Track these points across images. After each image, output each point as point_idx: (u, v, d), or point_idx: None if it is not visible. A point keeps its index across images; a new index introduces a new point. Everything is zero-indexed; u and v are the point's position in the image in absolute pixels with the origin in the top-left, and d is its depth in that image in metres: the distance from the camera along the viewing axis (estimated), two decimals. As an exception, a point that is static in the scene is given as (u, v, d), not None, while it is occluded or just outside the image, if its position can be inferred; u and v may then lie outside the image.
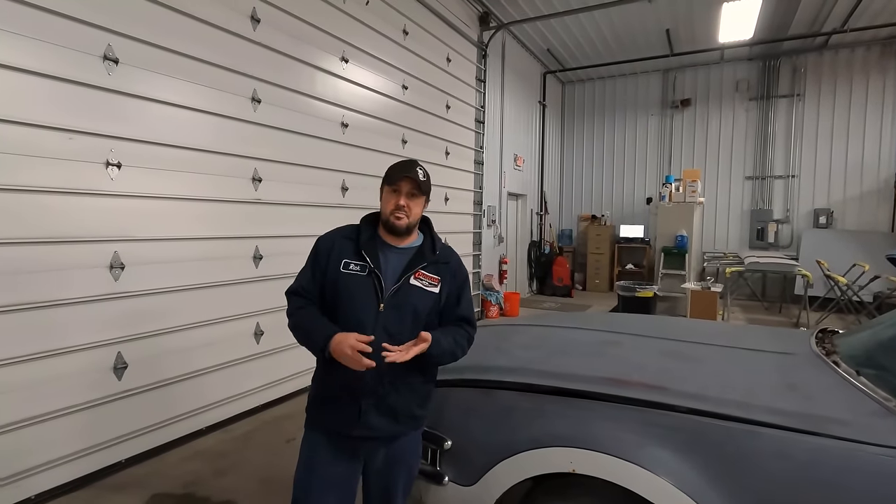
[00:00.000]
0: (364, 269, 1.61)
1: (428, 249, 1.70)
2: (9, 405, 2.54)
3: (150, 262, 3.16)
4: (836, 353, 1.90)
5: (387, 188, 1.66)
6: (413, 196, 1.63)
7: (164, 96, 3.20)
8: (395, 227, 1.62)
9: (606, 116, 10.82)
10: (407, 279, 1.62)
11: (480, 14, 7.30)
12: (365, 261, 1.61)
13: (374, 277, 1.60)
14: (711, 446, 1.44)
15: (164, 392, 3.27)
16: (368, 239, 1.66)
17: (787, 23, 7.84)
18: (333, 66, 4.63)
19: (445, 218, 6.49)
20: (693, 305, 6.26)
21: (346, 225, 1.74)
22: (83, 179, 2.81)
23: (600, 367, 1.91)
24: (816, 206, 9.02)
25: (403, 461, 1.69)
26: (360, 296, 1.59)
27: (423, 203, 1.68)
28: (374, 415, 1.58)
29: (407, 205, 1.61)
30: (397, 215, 1.61)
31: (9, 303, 2.53)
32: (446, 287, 1.69)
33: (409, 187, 1.62)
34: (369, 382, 1.55)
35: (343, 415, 1.59)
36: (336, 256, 1.64)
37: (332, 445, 1.63)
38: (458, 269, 1.76)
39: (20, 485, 2.58)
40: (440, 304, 1.68)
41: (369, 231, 1.68)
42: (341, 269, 1.62)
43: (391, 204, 1.62)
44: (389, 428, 1.61)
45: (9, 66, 2.49)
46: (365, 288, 1.59)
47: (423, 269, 1.65)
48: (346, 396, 1.57)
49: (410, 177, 1.61)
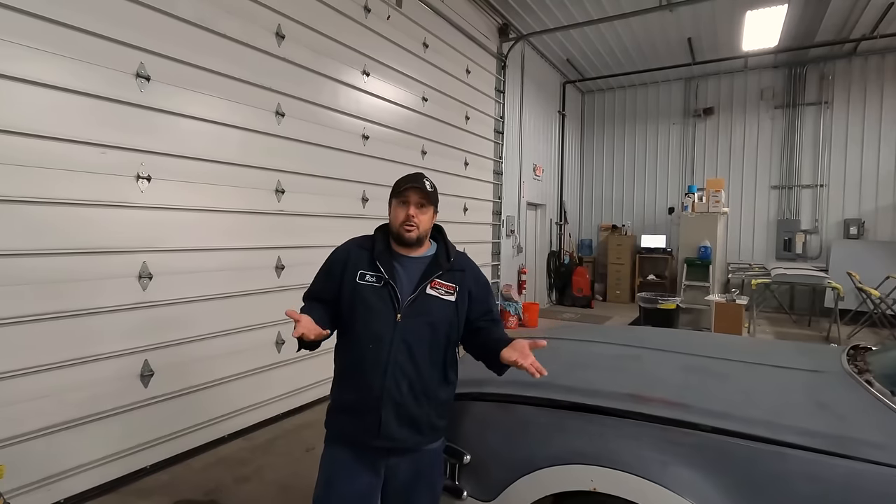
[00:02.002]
0: (379, 280, 1.61)
1: (443, 258, 1.69)
2: (42, 410, 2.62)
3: (176, 272, 3.24)
4: (868, 371, 1.84)
5: (395, 201, 1.67)
6: (421, 206, 1.64)
7: (192, 111, 3.31)
8: (406, 238, 1.63)
9: (627, 125, 10.73)
10: (423, 289, 1.62)
11: (500, 26, 7.35)
12: (380, 272, 1.61)
13: (390, 288, 1.60)
14: (737, 467, 1.41)
15: (189, 399, 3.34)
16: (383, 250, 1.66)
17: (813, 30, 7.68)
18: (355, 80, 4.72)
19: (464, 228, 6.51)
20: (718, 318, 6.12)
21: (361, 235, 1.75)
22: (115, 192, 2.91)
23: (621, 382, 1.89)
24: (847, 216, 8.76)
25: (425, 477, 1.65)
26: (377, 307, 1.59)
27: (432, 213, 1.69)
28: (394, 425, 1.56)
29: (416, 216, 1.62)
30: (407, 227, 1.62)
31: (45, 311, 2.62)
32: (465, 294, 1.68)
33: (416, 198, 1.63)
34: (389, 391, 1.54)
35: (363, 425, 1.57)
36: (352, 267, 1.64)
37: (352, 461, 1.62)
38: (478, 275, 1.76)
39: (51, 488, 2.66)
40: (459, 313, 1.67)
41: (383, 242, 1.69)
42: (357, 280, 1.62)
43: (401, 216, 1.63)
44: (411, 439, 1.59)
45: (48, 84, 2.61)
46: (381, 299, 1.59)
47: (438, 279, 1.65)
48: (366, 406, 1.56)
49: (418, 187, 1.63)
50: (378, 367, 1.55)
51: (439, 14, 5.90)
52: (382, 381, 1.54)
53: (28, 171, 2.55)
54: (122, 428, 2.97)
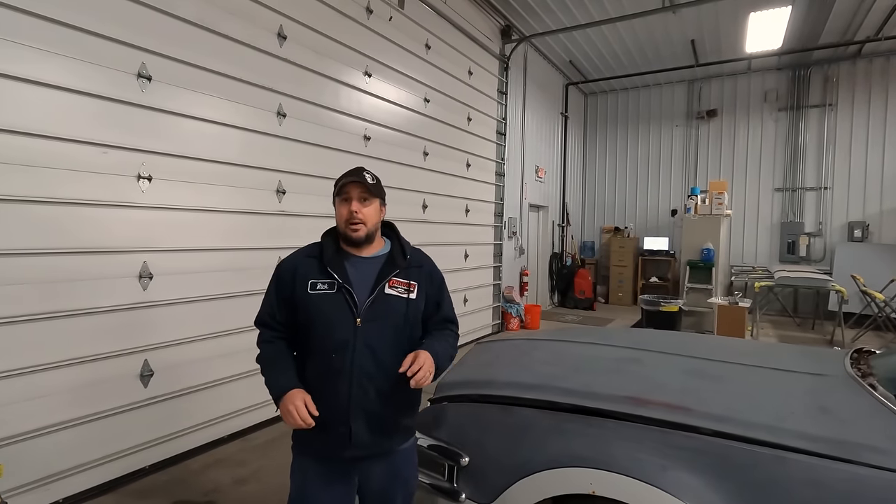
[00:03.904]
0: (333, 285, 1.53)
1: (398, 255, 1.63)
2: (41, 409, 2.62)
3: (177, 273, 3.24)
4: (872, 374, 1.82)
5: (337, 200, 1.60)
6: (365, 201, 1.57)
7: (193, 111, 3.31)
8: (354, 237, 1.56)
9: (630, 127, 10.71)
10: (381, 289, 1.55)
11: (503, 27, 7.34)
12: (332, 277, 1.54)
13: (345, 293, 1.53)
14: (738, 472, 1.39)
15: (188, 400, 3.34)
16: (333, 254, 1.58)
17: (817, 32, 7.65)
18: (357, 81, 4.72)
19: (466, 229, 6.50)
20: (720, 321, 6.08)
21: (309, 244, 1.67)
22: (116, 192, 2.91)
23: (621, 385, 1.87)
24: (851, 218, 8.70)
25: (400, 476, 1.63)
26: (334, 315, 1.52)
27: (378, 206, 1.62)
28: (365, 433, 1.51)
29: (359, 210, 1.55)
30: (353, 225, 1.55)
31: (45, 310, 2.62)
32: (423, 291, 1.63)
33: (358, 192, 1.56)
34: (357, 399, 1.50)
35: (333, 437, 1.51)
36: (301, 278, 1.56)
37: (324, 470, 1.57)
38: (433, 272, 1.70)
39: (49, 488, 2.66)
40: (420, 310, 1.62)
41: (333, 246, 1.61)
42: (309, 290, 1.54)
43: (344, 214, 1.56)
44: (383, 444, 1.56)
45: (50, 84, 2.61)
46: (338, 305, 1.52)
47: (396, 277, 1.58)
48: (335, 418, 1.50)
49: (358, 181, 1.55)
50: (343, 376, 1.50)
51: (441, 15, 5.90)
52: (349, 390, 1.49)
53: (29, 171, 2.56)
54: (121, 428, 2.97)
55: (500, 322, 7.51)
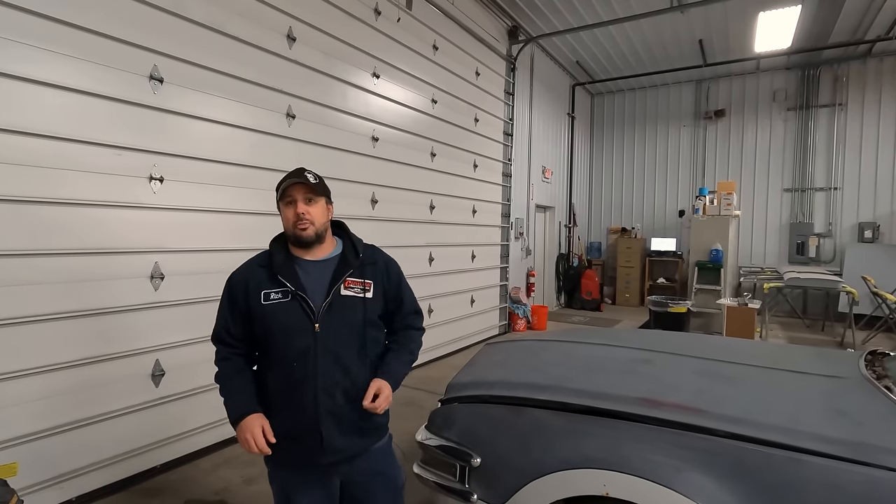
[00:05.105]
0: (287, 293, 1.49)
1: (350, 254, 1.60)
2: (55, 409, 2.65)
3: (188, 273, 3.27)
4: (887, 376, 1.80)
5: (281, 204, 1.56)
6: (310, 201, 1.53)
7: (204, 113, 3.34)
8: (303, 238, 1.52)
9: (637, 128, 10.67)
10: (337, 291, 1.52)
11: (509, 28, 7.34)
12: (285, 285, 1.50)
13: (300, 299, 1.49)
14: (752, 474, 1.38)
15: (199, 399, 3.35)
16: (283, 260, 1.54)
17: (827, 31, 7.59)
18: (365, 82, 4.73)
19: (473, 230, 6.50)
20: (729, 322, 6.04)
21: (258, 253, 1.63)
22: (128, 193, 2.94)
23: (634, 386, 1.87)
24: (861, 219, 8.62)
25: (381, 475, 1.64)
26: (291, 323, 1.48)
27: (325, 205, 1.58)
28: (337, 438, 1.50)
29: (306, 211, 1.51)
30: (301, 226, 1.51)
31: (58, 310, 2.65)
32: (380, 288, 1.61)
33: (302, 193, 1.52)
34: (324, 405, 1.48)
35: (305, 445, 1.50)
36: (254, 289, 1.52)
37: (303, 480, 1.58)
38: (388, 266, 1.67)
39: (63, 486, 2.68)
40: (379, 308, 1.61)
41: (282, 252, 1.57)
42: (263, 301, 1.50)
43: (291, 216, 1.52)
44: (357, 444, 1.56)
45: (63, 86, 2.64)
46: (293, 313, 1.48)
47: (350, 277, 1.55)
48: (304, 427, 1.49)
49: (300, 182, 1.51)
50: (307, 384, 1.48)
51: (449, 16, 5.91)
52: (315, 397, 1.47)
53: (43, 173, 2.58)
54: (132, 427, 2.99)
55: (506, 323, 7.50)
